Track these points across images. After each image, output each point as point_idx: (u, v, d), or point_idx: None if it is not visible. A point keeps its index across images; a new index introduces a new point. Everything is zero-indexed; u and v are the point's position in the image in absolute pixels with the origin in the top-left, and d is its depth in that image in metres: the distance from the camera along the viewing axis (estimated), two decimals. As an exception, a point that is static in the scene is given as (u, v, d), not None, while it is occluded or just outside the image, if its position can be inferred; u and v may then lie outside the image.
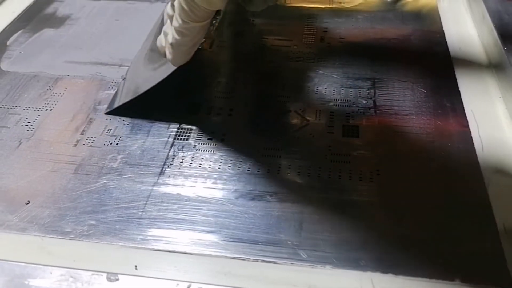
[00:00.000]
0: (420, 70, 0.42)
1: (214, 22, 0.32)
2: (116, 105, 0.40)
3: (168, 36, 0.34)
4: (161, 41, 0.36)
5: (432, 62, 0.43)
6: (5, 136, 0.38)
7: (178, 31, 0.32)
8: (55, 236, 0.30)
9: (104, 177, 0.34)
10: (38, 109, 0.41)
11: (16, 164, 0.36)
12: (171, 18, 0.34)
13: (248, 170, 0.34)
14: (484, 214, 0.31)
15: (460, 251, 0.29)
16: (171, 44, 0.33)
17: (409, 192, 0.32)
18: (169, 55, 0.35)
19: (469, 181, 0.33)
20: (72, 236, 0.30)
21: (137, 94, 0.38)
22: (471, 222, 0.30)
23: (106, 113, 0.40)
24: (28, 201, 0.33)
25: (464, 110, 0.38)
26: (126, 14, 0.53)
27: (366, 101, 0.39)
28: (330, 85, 0.41)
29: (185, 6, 0.31)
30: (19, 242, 0.30)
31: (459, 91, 0.40)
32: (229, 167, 0.35)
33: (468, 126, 0.37)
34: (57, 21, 0.52)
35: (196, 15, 0.31)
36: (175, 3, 0.32)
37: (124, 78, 0.43)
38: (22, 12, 0.53)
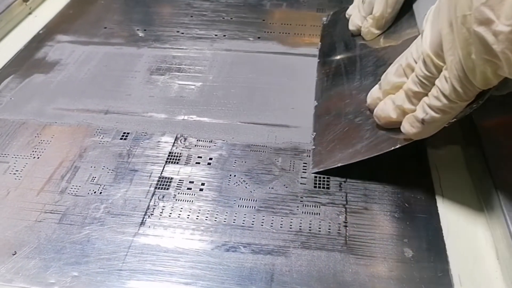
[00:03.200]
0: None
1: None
2: (331, 166, 0.39)
3: (418, 112, 0.33)
4: (385, 110, 0.36)
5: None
6: (-6, 185, 0.40)
7: (440, 109, 0.32)
8: (39, 288, 0.32)
9: (87, 227, 0.36)
10: (26, 157, 0.42)
11: (4, 213, 0.37)
12: (415, 94, 0.34)
13: (224, 221, 0.36)
14: None
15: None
16: (423, 120, 0.33)
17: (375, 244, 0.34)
18: (411, 129, 0.34)
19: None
20: (56, 288, 0.32)
21: (355, 160, 0.38)
22: None
23: (315, 173, 0.40)
24: (15, 251, 0.35)
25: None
26: (114, 59, 0.55)
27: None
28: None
29: (459, 88, 0.30)
30: (5, 293, 0.32)
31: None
32: (207, 218, 0.37)
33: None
34: (47, 66, 0.54)
35: (467, 95, 0.30)
36: (439, 84, 0.31)
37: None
38: (13, 57, 0.55)
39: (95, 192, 0.39)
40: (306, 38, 0.57)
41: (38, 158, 0.42)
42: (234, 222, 0.36)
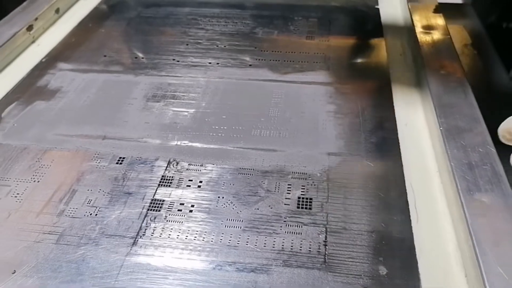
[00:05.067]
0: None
1: None
2: None
3: None
4: None
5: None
6: (-4, 207, 0.42)
7: None
8: (36, 305, 0.34)
9: (82, 247, 0.38)
10: (27, 180, 0.45)
11: (5, 235, 0.40)
12: None
13: (212, 241, 0.39)
14: None
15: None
16: None
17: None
18: None
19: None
20: (51, 305, 0.34)
21: None
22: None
23: None
24: (14, 270, 0.37)
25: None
26: (112, 86, 0.58)
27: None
28: (291, 157, 0.46)
29: None
30: (4, 310, 0.34)
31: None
32: (195, 238, 0.39)
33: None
34: (48, 94, 0.57)
35: None
36: None
37: None
38: (17, 84, 0.59)
39: (91, 214, 0.41)
40: (296, 65, 0.60)
41: (38, 182, 0.45)
42: (220, 241, 0.38)
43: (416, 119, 0.50)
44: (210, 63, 0.61)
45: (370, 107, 0.52)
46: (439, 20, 0.61)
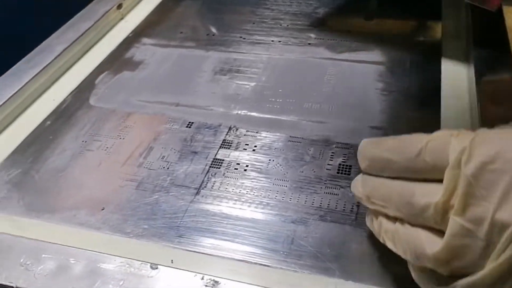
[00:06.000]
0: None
1: None
2: None
3: None
4: None
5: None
6: (89, 157, 0.52)
7: None
8: (119, 235, 0.43)
9: (156, 194, 0.47)
10: (114, 137, 0.54)
11: (97, 179, 0.49)
12: None
13: (261, 195, 0.46)
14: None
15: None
16: None
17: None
18: None
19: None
20: (131, 236, 0.43)
21: None
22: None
23: None
24: (103, 207, 0.46)
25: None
26: (185, 59, 0.66)
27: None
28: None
29: None
30: (96, 237, 0.44)
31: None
32: (247, 192, 0.46)
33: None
34: (133, 65, 0.66)
35: None
36: None
37: None
38: (107, 56, 0.68)
39: (163, 168, 0.50)
40: (352, 45, 0.65)
41: (123, 139, 0.54)
42: (268, 196, 0.45)
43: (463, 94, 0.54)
44: (272, 41, 0.67)
45: (417, 85, 0.56)
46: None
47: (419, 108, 0.53)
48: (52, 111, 0.59)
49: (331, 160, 0.48)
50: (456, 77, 0.57)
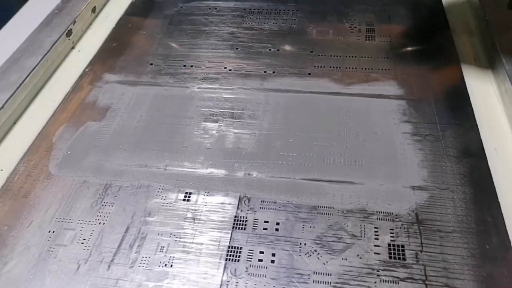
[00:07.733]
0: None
1: None
2: None
3: None
4: None
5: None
6: (62, 256, 0.40)
7: None
8: None
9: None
10: (91, 222, 0.42)
11: (77, 290, 0.38)
12: None
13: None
14: None
15: None
16: None
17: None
18: None
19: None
20: None
21: None
22: None
23: None
24: None
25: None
26: (165, 102, 0.54)
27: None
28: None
29: None
30: None
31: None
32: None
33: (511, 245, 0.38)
34: (99, 112, 0.53)
35: None
36: None
37: None
38: (63, 100, 0.55)
39: (165, 264, 0.39)
40: (360, 73, 0.55)
41: (103, 224, 0.42)
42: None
43: (507, 142, 0.46)
44: (265, 72, 0.57)
45: (451, 126, 0.48)
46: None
47: (462, 154, 0.45)
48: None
49: (376, 238, 0.39)
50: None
